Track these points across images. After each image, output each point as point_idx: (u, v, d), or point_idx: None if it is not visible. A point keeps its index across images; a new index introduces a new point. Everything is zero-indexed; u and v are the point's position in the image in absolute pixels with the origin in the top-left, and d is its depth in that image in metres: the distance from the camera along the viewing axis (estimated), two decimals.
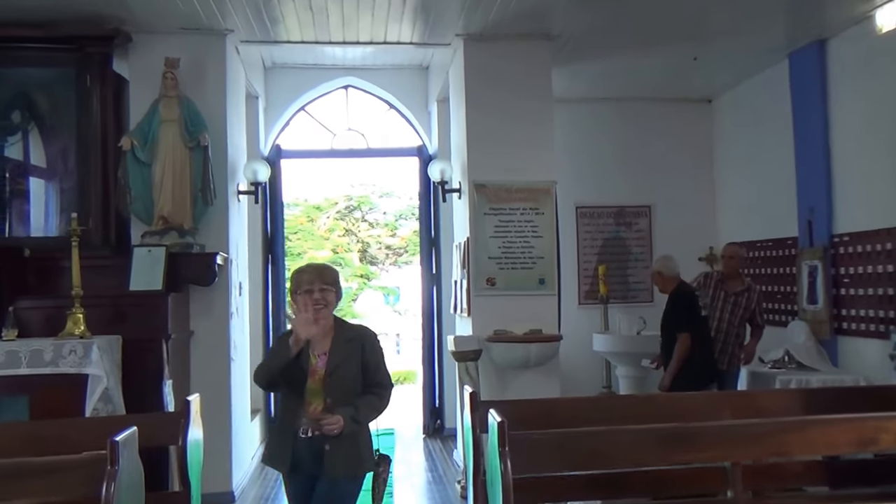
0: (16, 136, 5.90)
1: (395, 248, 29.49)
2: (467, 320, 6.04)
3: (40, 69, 5.81)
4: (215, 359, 5.78)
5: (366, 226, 29.17)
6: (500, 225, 5.93)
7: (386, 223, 28.88)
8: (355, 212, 28.88)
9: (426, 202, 8.27)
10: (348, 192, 28.01)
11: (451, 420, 7.69)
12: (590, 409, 3.56)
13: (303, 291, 3.36)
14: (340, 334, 3.46)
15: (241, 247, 6.38)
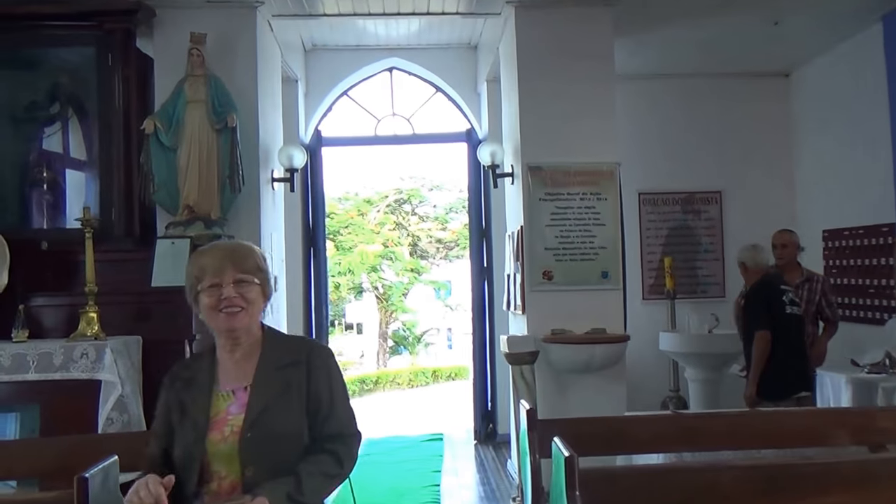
0: (54, 126, 5.51)
1: (446, 241, 28.97)
2: (521, 318, 5.43)
3: (63, 49, 5.42)
4: None
5: (416, 219, 28.73)
6: (558, 212, 5.30)
7: (436, 216, 28.37)
8: (405, 205, 28.43)
9: (476, 190, 7.67)
10: (398, 186, 27.61)
11: (505, 425, 7.09)
12: (669, 430, 2.92)
13: (206, 287, 2.18)
14: (270, 357, 2.20)
15: (275, 239, 5.86)
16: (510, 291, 5.83)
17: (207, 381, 2.20)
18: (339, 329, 45.49)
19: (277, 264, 5.95)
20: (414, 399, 20.47)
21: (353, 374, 24.06)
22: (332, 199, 27.58)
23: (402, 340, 28.05)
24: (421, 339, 28.41)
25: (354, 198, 27.30)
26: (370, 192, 27.56)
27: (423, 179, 27.50)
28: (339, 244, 25.65)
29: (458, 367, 25.66)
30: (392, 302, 26.14)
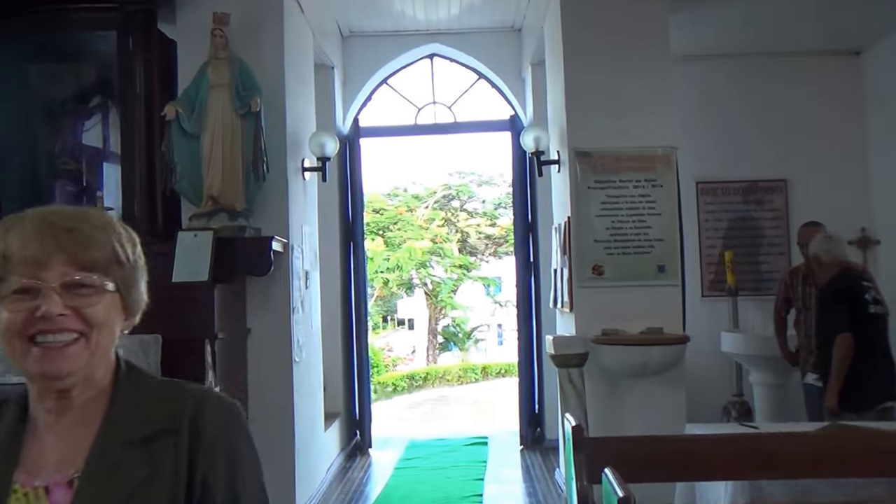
0: (93, 119, 5.25)
1: (495, 237, 28.48)
2: (569, 317, 4.96)
3: (94, 36, 5.15)
4: (276, 361, 4.92)
5: (464, 215, 28.31)
6: (609, 201, 4.81)
7: (485, 212, 27.91)
8: (454, 201, 28.03)
9: (520, 181, 7.20)
10: (446, 181, 27.23)
11: (553, 430, 6.60)
12: (742, 452, 2.43)
13: (7, 294, 1.13)
14: (122, 422, 1.20)
15: (307, 232, 5.50)
16: (557, 288, 5.37)
17: (2, 465, 1.17)
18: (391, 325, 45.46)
19: (310, 258, 5.58)
20: (462, 395, 20.08)
21: (403, 369, 23.78)
22: (382, 196, 27.38)
23: (452, 337, 27.69)
24: (471, 335, 28.00)
25: (403, 194, 27.04)
26: (419, 188, 27.26)
27: (471, 175, 27.10)
28: (389, 240, 25.39)
29: (508, 364, 25.17)
30: (441, 298, 25.78)
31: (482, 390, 21.17)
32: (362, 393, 7.40)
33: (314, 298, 5.73)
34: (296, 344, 5.02)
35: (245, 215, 4.71)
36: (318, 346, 5.88)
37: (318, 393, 5.79)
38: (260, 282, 4.85)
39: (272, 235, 4.67)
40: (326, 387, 6.59)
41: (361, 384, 7.39)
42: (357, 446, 7.31)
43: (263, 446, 3.66)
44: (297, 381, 5.02)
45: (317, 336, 5.81)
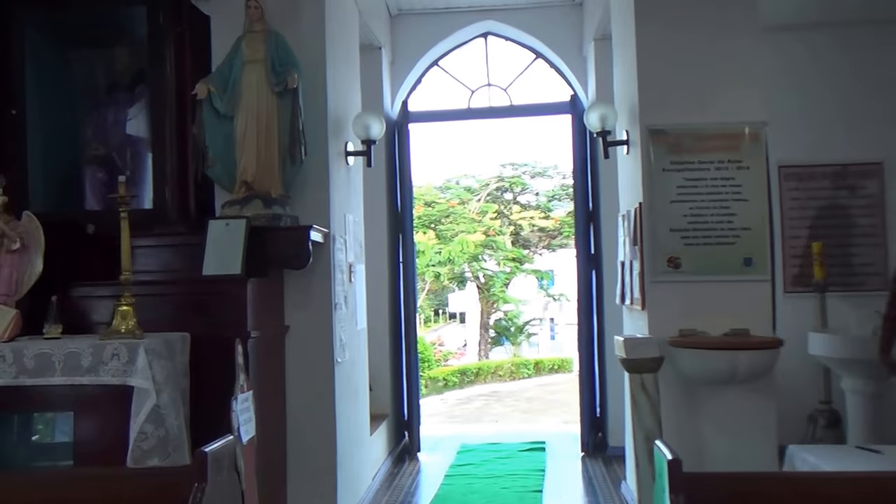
0: (134, 105, 4.88)
1: (549, 230, 27.83)
2: (640, 315, 4.41)
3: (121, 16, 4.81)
4: (316, 362, 4.49)
5: (517, 208, 27.72)
6: (687, 185, 4.25)
7: (538, 204, 27.28)
8: (507, 193, 27.46)
9: (581, 166, 6.65)
10: (499, 173, 26.67)
11: (618, 436, 6.07)
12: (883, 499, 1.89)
13: None
14: None
15: (351, 221, 5.05)
16: (625, 282, 4.82)
17: None
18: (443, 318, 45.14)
19: (355, 250, 5.14)
20: (514, 391, 19.57)
21: (454, 364, 23.36)
22: (434, 189, 26.96)
23: (504, 331, 27.15)
24: (523, 329, 27.43)
25: (455, 186, 26.60)
26: (471, 181, 26.79)
27: (524, 166, 26.53)
28: (441, 233, 24.97)
29: (561, 360, 24.55)
30: (493, 292, 25.27)
31: (535, 386, 20.61)
32: (411, 393, 6.96)
33: (359, 294, 5.29)
34: (338, 343, 4.58)
35: (281, 203, 4.29)
36: (364, 345, 5.44)
37: (364, 395, 5.36)
38: (298, 276, 4.43)
39: (311, 225, 4.24)
40: (373, 387, 6.17)
41: (410, 383, 6.95)
42: (405, 449, 6.88)
43: (303, 453, 3.25)
44: (339, 382, 4.59)
45: (362, 334, 5.37)
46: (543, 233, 27.97)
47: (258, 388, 4.01)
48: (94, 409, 3.60)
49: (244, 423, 3.69)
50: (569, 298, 27.17)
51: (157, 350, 3.52)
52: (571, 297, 27.65)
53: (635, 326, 4.61)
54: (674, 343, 4.10)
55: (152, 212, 4.44)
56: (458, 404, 18.02)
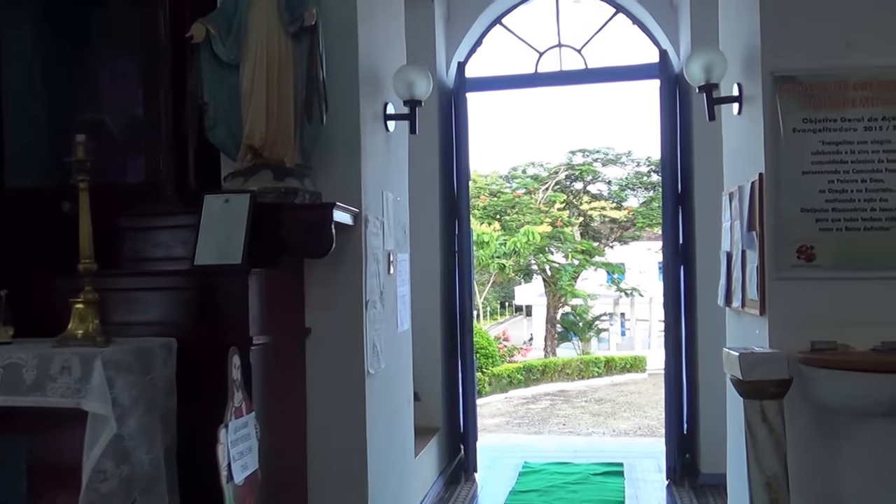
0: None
1: (621, 221, 26.53)
2: (757, 322, 3.39)
3: None
4: (342, 373, 3.62)
5: (587, 197, 26.51)
6: (826, 151, 3.21)
7: (610, 194, 26.02)
8: (576, 182, 26.27)
9: (671, 138, 5.60)
10: (568, 161, 25.51)
11: (712, 461, 5.07)
12: None
13: None
14: None
15: (391, 201, 4.17)
16: (732, 279, 3.80)
17: None
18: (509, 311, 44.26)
19: (396, 236, 4.26)
20: (583, 391, 18.48)
21: (519, 360, 22.40)
22: (500, 178, 25.99)
23: (572, 326, 26.05)
24: (592, 325, 26.26)
25: (522, 175, 25.60)
26: (538, 169, 25.73)
27: (595, 153, 25.32)
28: (507, 224, 24.01)
29: (633, 358, 23.31)
30: (561, 286, 24.17)
31: (605, 387, 19.46)
32: (467, 401, 6.06)
33: (402, 289, 4.40)
34: (370, 350, 3.70)
35: (298, 174, 3.42)
36: (408, 350, 4.55)
37: (407, 409, 4.48)
38: (322, 266, 3.57)
39: (334, 202, 3.36)
40: (420, 397, 5.29)
41: (466, 391, 6.05)
42: (461, 466, 6.00)
43: (328, 486, 2.34)
44: (373, 397, 3.71)
45: (405, 337, 4.48)
46: (615, 224, 26.70)
47: (269, 408, 3.19)
48: (50, 433, 2.82)
49: (240, 457, 2.86)
50: (641, 293, 25.87)
51: (122, 362, 2.69)
52: (644, 291, 26.42)
53: (747, 335, 3.59)
54: (806, 360, 3.07)
55: (143, 186, 3.63)
56: (522, 404, 17.05)
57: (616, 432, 13.11)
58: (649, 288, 27.36)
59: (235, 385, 2.90)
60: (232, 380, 2.88)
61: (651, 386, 19.30)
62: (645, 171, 25.42)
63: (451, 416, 5.98)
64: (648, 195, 25.31)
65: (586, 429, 13.65)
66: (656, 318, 29.08)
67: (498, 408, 16.41)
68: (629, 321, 30.12)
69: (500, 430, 13.75)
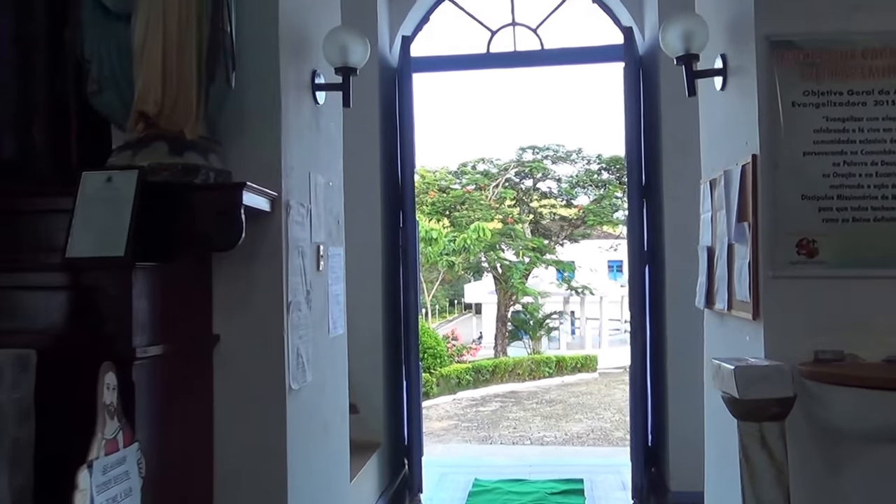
0: None
1: (571, 219, 26.26)
2: (750, 327, 2.90)
3: None
4: (258, 388, 3.02)
5: (538, 195, 26.19)
6: (831, 128, 2.73)
7: (560, 191, 25.74)
8: (526, 179, 25.91)
9: (635, 125, 5.12)
10: (519, 157, 25.14)
11: (682, 477, 4.60)
12: None
13: None
14: None
15: (322, 186, 3.57)
16: (716, 277, 3.31)
17: None
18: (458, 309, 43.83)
19: (328, 227, 3.67)
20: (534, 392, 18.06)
21: (468, 359, 21.92)
22: (450, 174, 25.47)
23: (523, 325, 25.71)
24: (543, 324, 25.95)
25: (472, 172, 25.16)
26: (488, 166, 25.32)
27: (546, 151, 25.02)
28: (457, 220, 23.52)
29: (584, 357, 23.04)
30: (512, 283, 23.78)
31: (556, 387, 19.11)
32: (412, 412, 5.50)
33: (335, 288, 3.81)
34: (292, 360, 3.10)
35: (201, 149, 2.81)
36: (342, 358, 3.96)
37: (340, 427, 3.89)
38: (234, 261, 2.97)
39: (244, 182, 2.76)
40: (359, 409, 4.72)
41: (411, 401, 5.49)
42: (405, 484, 5.44)
43: None
44: (295, 417, 3.12)
45: (339, 343, 3.89)
46: (565, 222, 26.46)
47: (162, 436, 2.58)
48: None
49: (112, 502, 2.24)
50: (592, 292, 25.63)
51: None
52: (595, 290, 26.17)
53: (734, 342, 3.10)
54: (812, 374, 2.58)
55: (14, 162, 2.98)
56: (471, 406, 16.58)
57: (568, 436, 12.72)
58: (600, 286, 27.21)
59: (108, 411, 2.28)
60: (103, 405, 2.26)
61: (602, 386, 19.02)
62: (595, 169, 25.23)
63: (394, 428, 5.41)
64: (599, 193, 25.12)
65: (537, 432, 13.23)
66: (606, 317, 28.96)
67: (446, 410, 15.90)
68: (579, 320, 29.92)
69: (447, 434, 13.25)
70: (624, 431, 13.14)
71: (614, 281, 32.84)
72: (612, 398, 16.29)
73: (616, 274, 34.91)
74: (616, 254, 29.61)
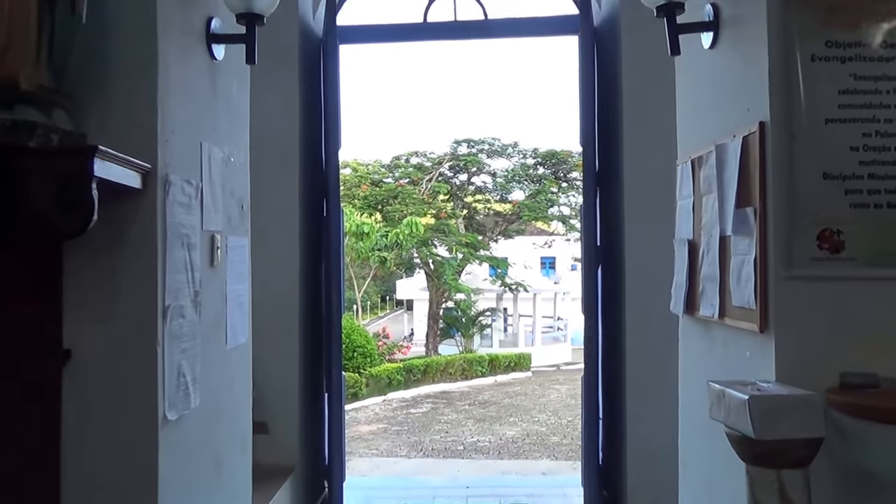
0: None
1: (505, 214, 25.86)
2: (754, 341, 2.31)
3: None
4: (122, 418, 2.30)
5: (472, 189, 25.70)
6: (860, 88, 2.16)
7: (495, 186, 25.31)
8: (461, 174, 25.39)
9: (589, 104, 4.54)
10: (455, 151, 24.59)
11: (642, 500, 4.05)
12: None
13: None
14: None
15: (217, 161, 2.85)
16: (704, 277, 2.72)
17: None
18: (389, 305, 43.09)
19: (228, 212, 2.95)
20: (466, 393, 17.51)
21: (399, 358, 21.26)
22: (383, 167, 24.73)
23: (455, 322, 25.20)
24: (475, 321, 25.50)
25: (405, 165, 24.50)
26: (422, 159, 24.70)
27: (481, 144, 24.53)
28: (389, 214, 22.82)
29: (517, 356, 22.64)
30: (445, 280, 23.22)
31: (489, 387, 18.63)
32: (334, 429, 4.80)
33: (237, 288, 3.09)
34: (170, 382, 2.38)
35: (42, 102, 2.07)
36: (244, 372, 3.24)
37: (239, 458, 3.17)
38: (91, 252, 2.24)
39: (97, 146, 2.03)
40: (269, 428, 4.01)
41: (332, 416, 4.79)
42: None
43: None
44: (172, 452, 2.40)
45: (240, 355, 3.17)
46: (500, 217, 26.08)
47: None
48: None
49: None
50: (527, 289, 25.26)
51: None
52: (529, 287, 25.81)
53: (730, 358, 2.51)
54: (842, 405, 2.01)
55: None
56: (402, 407, 15.93)
57: (503, 441, 12.20)
58: (534, 283, 26.92)
59: None
60: None
61: (536, 386, 18.63)
62: (531, 164, 24.88)
63: (312, 447, 4.70)
64: (534, 188, 24.79)
65: (471, 436, 12.66)
66: (540, 315, 28.68)
67: (375, 412, 15.21)
68: (512, 317, 29.58)
69: (377, 439, 12.56)
70: (560, 436, 12.71)
71: (547, 278, 32.70)
72: (546, 400, 15.89)
73: (549, 271, 34.79)
74: (550, 250, 29.41)
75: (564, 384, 19.17)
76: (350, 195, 22.47)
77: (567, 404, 15.51)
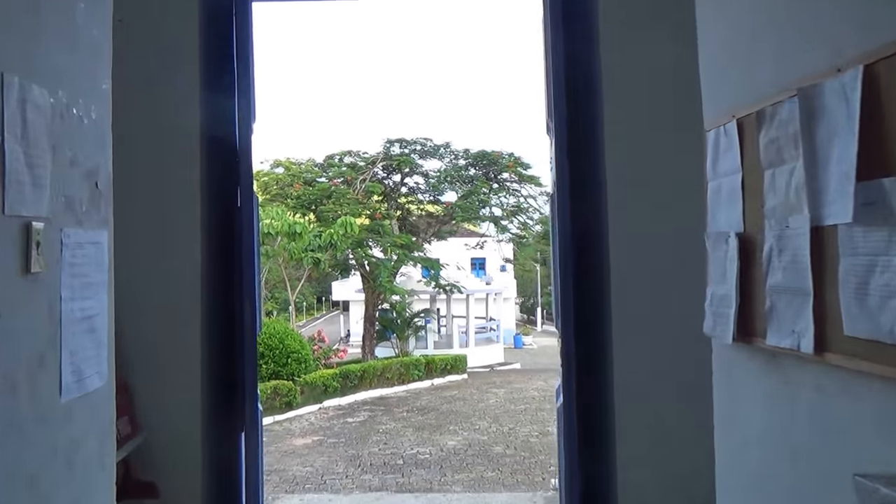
0: None
1: (438, 216, 25.01)
2: (882, 394, 1.41)
3: None
4: None
5: (406, 190, 24.79)
6: None
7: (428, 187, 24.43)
8: (394, 174, 24.41)
9: (558, 76, 3.61)
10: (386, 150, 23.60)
11: None
12: None
13: None
14: None
15: (40, 108, 1.80)
16: (759, 289, 1.81)
17: None
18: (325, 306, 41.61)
19: (69, 188, 1.90)
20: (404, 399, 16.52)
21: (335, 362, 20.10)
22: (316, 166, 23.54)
23: (390, 324, 24.18)
24: (410, 323, 24.55)
25: (338, 164, 23.38)
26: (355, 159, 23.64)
27: (413, 144, 23.61)
28: (324, 215, 21.65)
29: (454, 358, 21.75)
30: (380, 282, 22.17)
31: (427, 392, 17.67)
32: (251, 477, 3.74)
33: (86, 305, 2.04)
34: None
35: None
36: (102, 436, 2.19)
37: None
38: None
39: None
40: (160, 490, 2.96)
41: (248, 458, 3.74)
42: None
43: None
44: None
45: (88, 409, 2.11)
46: (433, 218, 25.21)
47: None
48: None
49: None
50: (461, 290, 24.41)
51: None
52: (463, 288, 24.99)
53: (823, 414, 1.61)
54: None
55: None
56: (339, 416, 14.82)
57: (445, 452, 11.26)
58: (467, 284, 26.19)
59: None
60: None
61: (474, 390, 17.78)
62: (463, 165, 24.15)
63: (220, 501, 3.64)
64: (466, 188, 24.05)
65: (410, 447, 11.67)
66: (473, 315, 27.92)
67: (311, 423, 14.07)
68: (445, 318, 28.78)
69: (311, 454, 11.45)
70: (503, 446, 11.85)
71: (479, 279, 32.09)
72: (485, 405, 15.05)
73: (479, 272, 34.21)
74: (481, 251, 28.82)
75: (501, 387, 18.38)
76: (282, 194, 21.22)
77: (506, 409, 14.70)
